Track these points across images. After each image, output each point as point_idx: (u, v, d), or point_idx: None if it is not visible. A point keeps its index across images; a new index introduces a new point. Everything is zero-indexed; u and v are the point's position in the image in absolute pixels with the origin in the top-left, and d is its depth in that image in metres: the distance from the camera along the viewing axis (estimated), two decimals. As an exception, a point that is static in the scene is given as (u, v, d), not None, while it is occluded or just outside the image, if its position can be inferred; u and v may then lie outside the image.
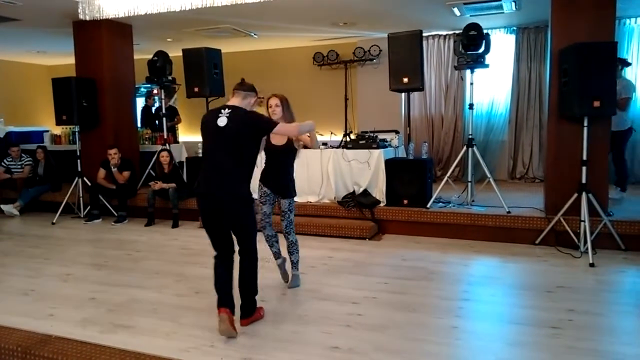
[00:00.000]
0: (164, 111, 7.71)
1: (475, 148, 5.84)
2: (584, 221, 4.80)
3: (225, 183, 3.15)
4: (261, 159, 3.74)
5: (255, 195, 3.44)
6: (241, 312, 3.31)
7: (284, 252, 4.13)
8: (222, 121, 3.14)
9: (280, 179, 3.92)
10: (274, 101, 3.88)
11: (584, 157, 4.89)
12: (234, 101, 3.32)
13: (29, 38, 8.41)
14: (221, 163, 3.16)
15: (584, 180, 4.89)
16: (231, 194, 3.16)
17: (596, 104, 4.65)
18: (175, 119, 9.25)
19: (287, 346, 3.01)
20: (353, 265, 4.69)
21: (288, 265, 4.15)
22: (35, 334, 3.21)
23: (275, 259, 4.13)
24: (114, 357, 2.88)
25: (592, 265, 4.49)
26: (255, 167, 3.37)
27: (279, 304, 3.71)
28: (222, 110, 3.21)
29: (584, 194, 4.83)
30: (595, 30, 4.97)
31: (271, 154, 3.92)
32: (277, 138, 3.86)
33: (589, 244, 4.65)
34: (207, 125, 3.22)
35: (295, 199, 6.22)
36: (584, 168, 4.89)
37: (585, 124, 4.85)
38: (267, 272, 4.36)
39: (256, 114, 3.30)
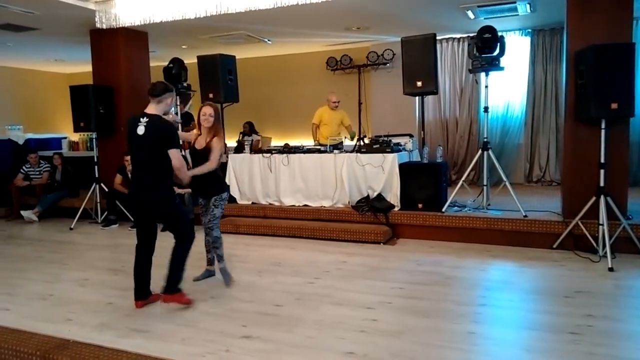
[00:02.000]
0: (179, 118, 7.77)
1: (490, 151, 5.79)
2: (602, 225, 4.73)
3: (145, 187, 3.57)
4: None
5: None
6: (164, 287, 3.66)
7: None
8: (140, 130, 3.45)
9: (206, 181, 4.10)
10: (208, 110, 4.03)
11: (602, 160, 4.82)
12: (150, 109, 3.55)
13: (48, 47, 8.56)
14: (141, 168, 3.56)
15: (602, 184, 4.81)
16: (150, 196, 3.59)
17: (614, 106, 4.59)
18: (191, 124, 9.32)
19: (302, 351, 3.00)
20: (368, 270, 4.67)
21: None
22: (53, 338, 3.25)
23: (207, 265, 4.40)
24: (131, 362, 2.91)
25: (611, 269, 4.41)
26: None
27: (293, 308, 3.70)
28: (141, 119, 3.48)
29: (602, 197, 4.76)
30: (612, 31, 4.90)
31: (194, 157, 4.16)
32: (200, 141, 4.09)
33: (607, 248, 4.57)
34: (129, 133, 3.52)
35: (309, 203, 6.37)
36: (601, 171, 4.82)
37: (603, 126, 4.78)
38: (282, 276, 4.37)
39: (169, 127, 3.54)
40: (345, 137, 7.47)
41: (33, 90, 11.00)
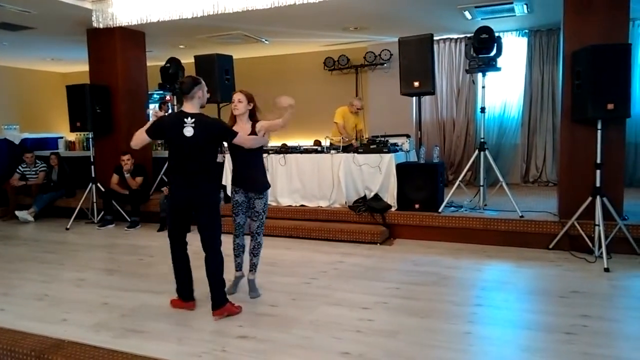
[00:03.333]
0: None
1: (487, 152, 5.80)
2: (598, 225, 4.74)
3: (196, 186, 3.48)
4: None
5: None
6: (212, 304, 3.57)
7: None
8: (188, 131, 3.39)
9: (255, 172, 3.89)
10: (237, 97, 3.91)
11: (598, 161, 4.83)
12: (188, 107, 3.50)
13: (44, 46, 8.54)
14: (190, 169, 3.45)
15: (598, 184, 4.82)
16: (201, 196, 3.50)
17: (610, 106, 4.60)
18: None
19: (298, 351, 3.00)
20: (364, 270, 4.67)
21: (244, 281, 4.09)
22: (48, 338, 3.24)
23: (236, 270, 4.11)
24: (126, 362, 2.90)
25: (606, 270, 4.42)
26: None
27: (289, 309, 3.70)
28: (185, 119, 3.41)
29: (598, 198, 4.77)
30: (608, 32, 4.91)
31: (233, 151, 3.85)
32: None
33: (603, 249, 4.58)
34: (172, 134, 3.45)
35: (306, 203, 6.36)
36: (598, 171, 4.83)
37: (599, 127, 4.80)
38: (278, 276, 4.36)
39: (220, 124, 3.63)
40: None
41: (29, 90, 10.97)
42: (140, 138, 3.54)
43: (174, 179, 3.56)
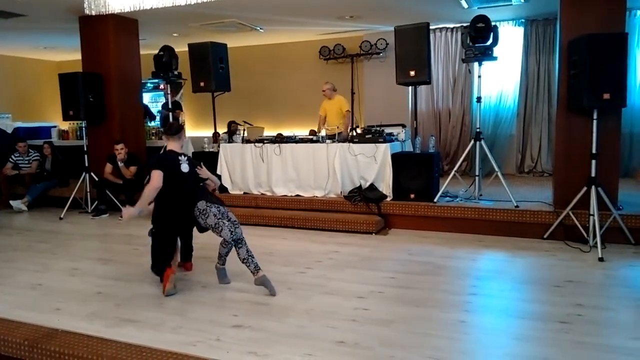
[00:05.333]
0: (169, 106, 7.71)
1: (483, 142, 5.78)
2: (593, 215, 4.75)
3: (193, 204, 4.02)
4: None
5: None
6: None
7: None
8: (184, 168, 3.98)
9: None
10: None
11: (594, 151, 4.83)
12: (176, 147, 4.07)
13: (36, 34, 8.43)
14: (190, 194, 4.00)
15: (593, 174, 4.83)
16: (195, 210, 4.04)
17: (606, 96, 4.59)
18: (176, 113, 9.19)
19: (293, 340, 2.99)
20: (359, 259, 4.67)
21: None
22: (42, 328, 3.22)
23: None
24: (121, 352, 2.89)
25: (601, 259, 4.44)
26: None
27: (284, 298, 3.69)
28: (180, 157, 3.99)
29: (593, 188, 4.77)
30: (605, 21, 4.89)
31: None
32: None
33: (598, 238, 4.60)
34: (171, 168, 3.92)
35: (302, 193, 6.35)
36: (593, 161, 4.83)
37: (595, 116, 4.79)
38: (274, 266, 4.35)
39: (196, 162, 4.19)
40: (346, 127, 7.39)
41: (22, 78, 10.85)
42: (154, 191, 3.86)
43: (174, 205, 3.95)
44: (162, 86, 9.47)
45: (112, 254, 5.06)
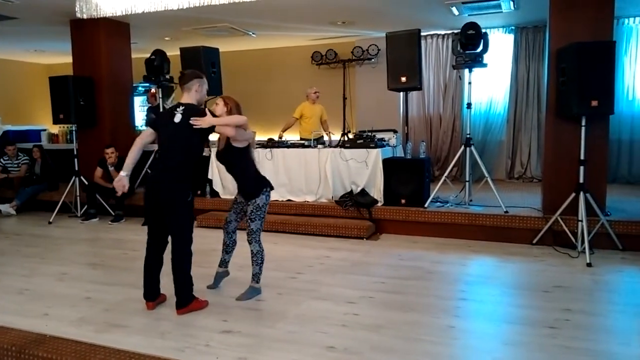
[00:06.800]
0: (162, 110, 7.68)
1: (473, 148, 5.83)
2: (581, 221, 4.79)
3: (168, 172, 3.42)
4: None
5: None
6: (177, 302, 3.53)
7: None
8: (177, 117, 3.42)
9: (237, 179, 3.84)
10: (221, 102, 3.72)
11: (582, 157, 4.88)
12: (184, 99, 3.53)
13: (27, 37, 8.38)
14: (169, 155, 3.43)
15: (581, 180, 4.87)
16: (169, 184, 3.41)
17: (594, 103, 4.65)
18: None
19: (283, 346, 2.99)
20: (350, 264, 4.68)
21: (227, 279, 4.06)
22: (29, 333, 3.19)
23: (218, 265, 4.03)
24: (109, 357, 2.87)
25: (589, 265, 4.48)
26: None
27: (275, 303, 3.69)
28: (178, 108, 3.45)
29: (581, 194, 4.82)
30: (593, 29, 4.96)
31: (221, 158, 3.84)
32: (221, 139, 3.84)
33: (586, 244, 4.64)
34: (161, 122, 3.50)
35: (293, 198, 6.34)
36: (581, 168, 4.88)
37: (583, 123, 4.84)
38: (264, 271, 4.34)
39: (205, 110, 3.51)
40: (328, 133, 7.47)
41: (12, 81, 10.77)
42: (139, 143, 3.46)
43: (151, 173, 3.53)
44: (153, 90, 9.41)
45: (101, 259, 5.03)
